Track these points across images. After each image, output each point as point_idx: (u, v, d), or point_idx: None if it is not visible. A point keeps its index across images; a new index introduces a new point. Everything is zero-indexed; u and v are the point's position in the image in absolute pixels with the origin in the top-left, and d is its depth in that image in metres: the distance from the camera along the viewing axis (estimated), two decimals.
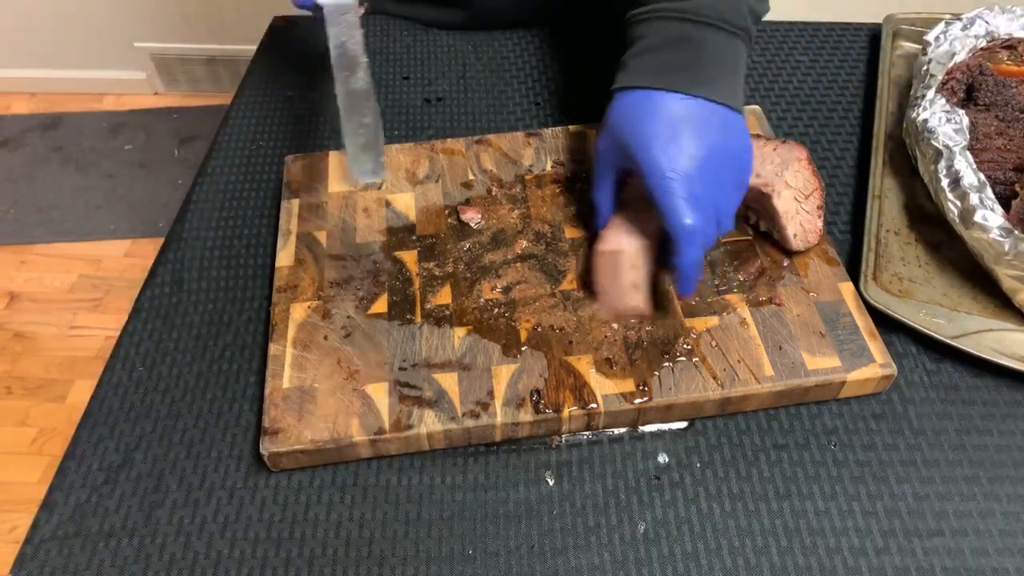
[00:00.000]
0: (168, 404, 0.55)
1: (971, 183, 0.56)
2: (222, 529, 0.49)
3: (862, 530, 0.48)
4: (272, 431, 0.50)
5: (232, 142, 0.74)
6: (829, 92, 0.77)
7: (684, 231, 0.50)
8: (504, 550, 0.48)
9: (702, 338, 0.54)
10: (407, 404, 0.51)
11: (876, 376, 0.52)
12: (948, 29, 0.70)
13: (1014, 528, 0.48)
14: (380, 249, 0.61)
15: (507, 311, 0.56)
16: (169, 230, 0.66)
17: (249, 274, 0.62)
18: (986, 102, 0.65)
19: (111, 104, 2.11)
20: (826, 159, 0.70)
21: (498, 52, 0.82)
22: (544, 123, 0.75)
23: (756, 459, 0.51)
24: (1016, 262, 0.54)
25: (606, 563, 0.47)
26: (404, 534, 0.48)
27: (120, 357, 0.57)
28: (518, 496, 0.50)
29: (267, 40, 0.86)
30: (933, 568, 0.47)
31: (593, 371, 0.53)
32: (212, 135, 0.75)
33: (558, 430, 0.52)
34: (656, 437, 0.53)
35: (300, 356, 0.54)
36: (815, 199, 0.58)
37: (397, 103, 0.77)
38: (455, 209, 0.64)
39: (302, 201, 0.65)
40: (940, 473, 0.51)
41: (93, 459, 0.52)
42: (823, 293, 0.57)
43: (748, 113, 0.70)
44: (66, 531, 0.49)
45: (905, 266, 0.60)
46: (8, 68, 2.10)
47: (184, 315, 0.60)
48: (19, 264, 1.75)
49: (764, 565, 0.47)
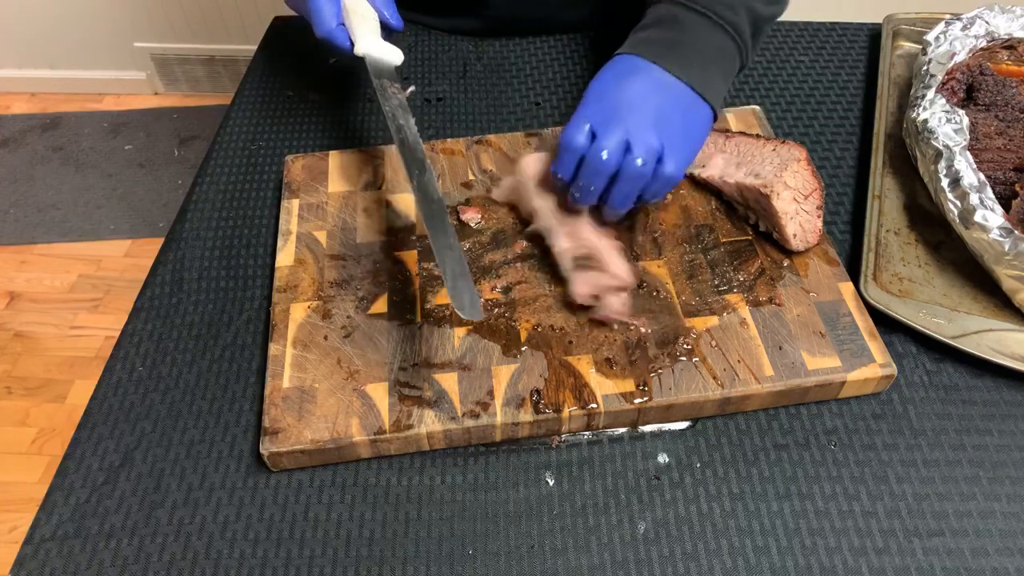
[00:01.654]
0: (168, 404, 0.55)
1: (971, 183, 0.56)
2: (222, 529, 0.49)
3: (862, 530, 0.48)
4: (272, 431, 0.50)
5: (232, 142, 0.74)
6: (829, 92, 0.77)
7: (564, 137, 0.55)
8: (504, 550, 0.48)
9: (702, 338, 0.54)
10: (407, 404, 0.51)
11: (876, 376, 0.52)
12: (948, 29, 0.70)
13: (1014, 528, 0.48)
14: (380, 249, 0.61)
15: (507, 311, 0.56)
16: (169, 230, 0.66)
17: (249, 274, 0.62)
18: (986, 102, 0.65)
19: (111, 104, 2.11)
20: (826, 159, 0.70)
21: (498, 52, 0.82)
22: (544, 123, 0.75)
23: (756, 459, 0.51)
24: (1016, 262, 0.54)
25: (606, 563, 0.47)
26: (404, 534, 0.48)
27: (120, 357, 0.57)
28: (518, 496, 0.50)
29: (267, 40, 0.86)
30: (933, 568, 0.47)
31: (593, 371, 0.53)
32: (212, 135, 0.75)
33: (558, 430, 0.52)
34: (656, 437, 0.53)
35: (300, 356, 0.54)
36: (814, 199, 0.58)
37: None
38: (455, 209, 0.64)
39: (302, 201, 0.65)
40: (940, 473, 0.51)
41: (93, 459, 0.52)
42: (823, 293, 0.57)
43: (748, 113, 0.70)
44: (66, 531, 0.49)
45: (905, 266, 0.60)
46: (8, 68, 2.10)
47: (184, 315, 0.60)
48: (19, 264, 1.75)
49: (764, 565, 0.47)
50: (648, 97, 0.56)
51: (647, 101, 0.55)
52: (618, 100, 0.55)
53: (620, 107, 0.55)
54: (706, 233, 0.61)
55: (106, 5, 1.94)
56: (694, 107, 0.57)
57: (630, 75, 0.57)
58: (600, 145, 0.54)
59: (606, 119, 0.55)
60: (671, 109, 0.56)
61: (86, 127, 2.04)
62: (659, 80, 0.57)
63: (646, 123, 0.54)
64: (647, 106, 0.55)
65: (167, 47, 2.03)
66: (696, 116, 0.58)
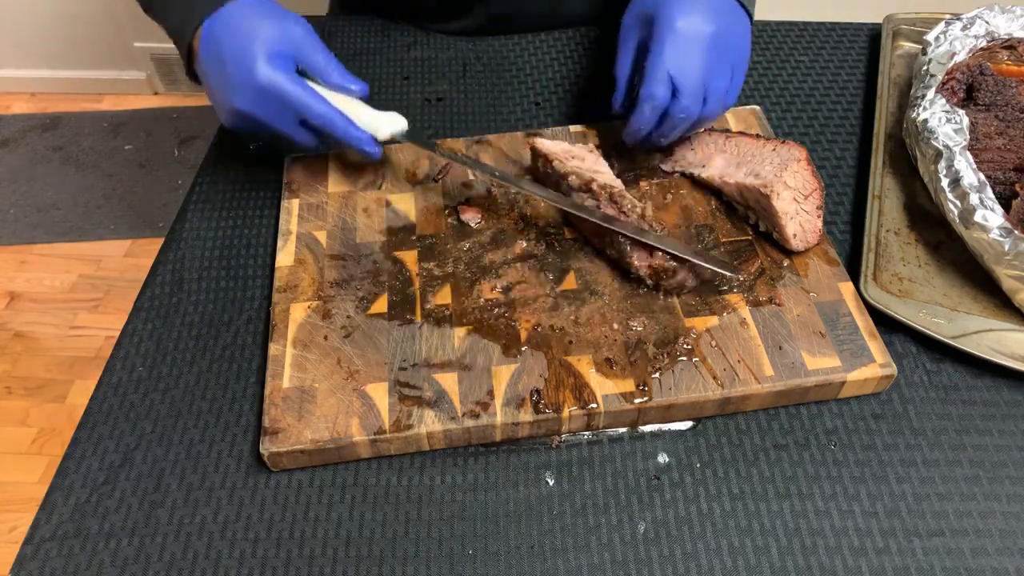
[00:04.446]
0: (168, 404, 0.55)
1: (971, 183, 0.56)
2: (222, 529, 0.49)
3: (862, 530, 0.48)
4: (272, 431, 0.50)
5: (232, 142, 0.73)
6: (829, 92, 0.77)
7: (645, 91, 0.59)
8: (504, 550, 0.48)
9: (702, 338, 0.54)
10: (407, 404, 0.51)
11: (876, 376, 0.52)
12: (948, 29, 0.70)
13: (1014, 528, 0.48)
14: (380, 249, 0.61)
15: (507, 311, 0.56)
16: (169, 230, 0.66)
17: (249, 274, 0.62)
18: (986, 102, 0.65)
19: (111, 104, 2.11)
20: (826, 159, 0.70)
21: (498, 52, 0.82)
22: (544, 123, 0.75)
23: (756, 459, 0.51)
24: (1016, 262, 0.54)
25: (606, 563, 0.47)
26: (404, 534, 0.48)
27: (120, 357, 0.57)
28: (518, 496, 0.50)
29: None
30: (933, 568, 0.47)
31: (593, 371, 0.53)
32: (212, 135, 0.75)
33: (558, 430, 0.52)
34: (656, 437, 0.53)
35: (300, 356, 0.54)
36: (814, 199, 0.58)
37: (397, 103, 0.77)
38: (455, 209, 0.64)
39: (302, 201, 0.65)
40: (940, 473, 0.51)
41: (93, 459, 0.52)
42: (823, 293, 0.57)
43: (748, 113, 0.70)
44: (66, 531, 0.49)
45: (905, 266, 0.60)
46: (8, 68, 2.10)
47: (184, 315, 0.60)
48: (19, 264, 1.75)
49: (764, 565, 0.47)
50: (716, 33, 0.59)
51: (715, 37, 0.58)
52: (689, 42, 0.58)
53: (691, 51, 0.58)
54: (706, 233, 0.61)
55: (106, 5, 1.94)
56: (743, 25, 0.62)
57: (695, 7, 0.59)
58: (682, 103, 0.58)
59: (683, 68, 0.58)
60: (732, 38, 0.60)
61: (86, 127, 2.04)
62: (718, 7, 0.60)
63: (720, 67, 0.59)
64: (715, 44, 0.58)
65: (167, 47, 2.03)
66: (746, 33, 0.62)
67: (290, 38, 0.57)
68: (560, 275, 0.59)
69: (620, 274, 0.58)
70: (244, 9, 0.57)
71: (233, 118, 0.58)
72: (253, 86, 0.55)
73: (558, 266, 0.59)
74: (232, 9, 0.57)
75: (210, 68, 0.57)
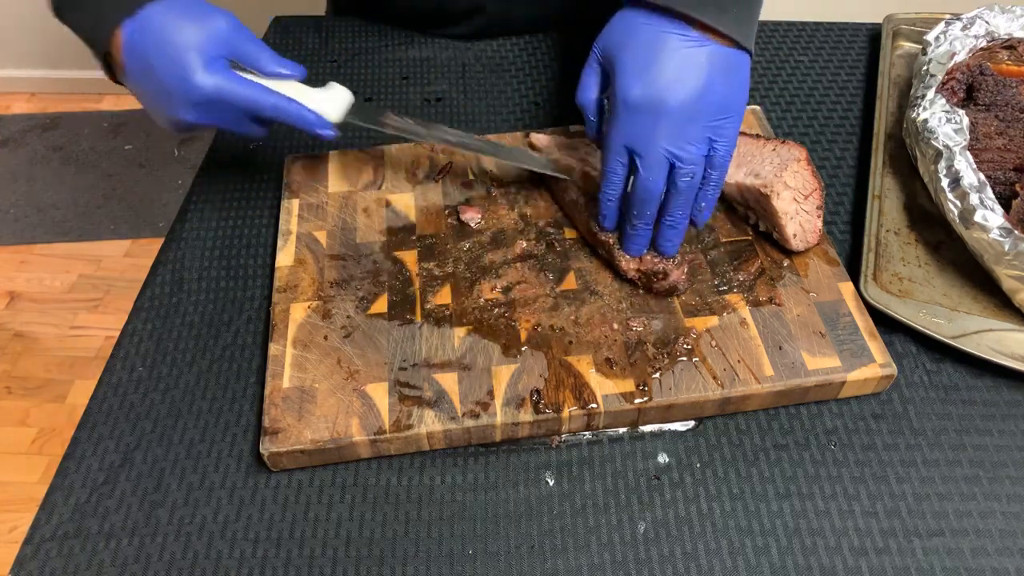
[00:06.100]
0: (168, 404, 0.55)
1: (971, 183, 0.56)
2: (222, 529, 0.49)
3: (862, 530, 0.48)
4: (272, 431, 0.50)
5: (232, 142, 0.73)
6: (829, 92, 0.77)
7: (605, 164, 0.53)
8: (504, 550, 0.48)
9: (702, 338, 0.54)
10: (407, 404, 0.51)
11: (876, 376, 0.52)
12: (948, 29, 0.70)
13: (1014, 528, 0.48)
14: (380, 249, 0.61)
15: (507, 311, 0.56)
16: (169, 230, 0.66)
17: (249, 274, 0.62)
18: (986, 102, 0.65)
19: (111, 104, 2.11)
20: (826, 159, 0.70)
21: (497, 52, 0.82)
22: (544, 123, 0.75)
23: (756, 459, 0.51)
24: (1016, 262, 0.54)
25: (606, 563, 0.47)
26: (404, 534, 0.48)
27: (120, 357, 0.57)
28: (518, 496, 0.50)
29: (266, 40, 0.86)
30: (933, 568, 0.47)
31: (593, 371, 0.53)
32: (212, 135, 0.75)
33: (558, 430, 0.52)
34: (656, 437, 0.53)
35: (300, 356, 0.54)
36: (814, 199, 0.58)
37: (397, 103, 0.77)
38: (455, 209, 0.64)
39: (302, 201, 0.65)
40: (940, 473, 0.51)
41: (93, 459, 0.52)
42: (823, 293, 0.57)
43: (748, 113, 0.70)
44: (66, 531, 0.49)
45: (905, 266, 0.60)
46: (8, 68, 2.10)
47: (184, 315, 0.60)
48: (19, 264, 1.75)
49: (764, 565, 0.47)
50: (686, 81, 0.48)
51: (686, 86, 0.48)
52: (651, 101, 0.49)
53: (656, 112, 0.49)
54: (706, 233, 0.61)
55: None
56: (735, 67, 0.50)
57: (657, 54, 0.49)
58: (644, 176, 0.50)
59: (643, 135, 0.49)
60: (713, 85, 0.49)
61: (86, 127, 2.04)
62: (689, 50, 0.49)
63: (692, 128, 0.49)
64: (688, 99, 0.48)
65: None
66: (738, 77, 0.51)
67: (220, 37, 0.54)
68: (560, 275, 0.59)
69: (620, 274, 0.58)
70: (165, 15, 0.52)
71: (177, 127, 0.56)
72: (196, 98, 0.53)
73: (558, 266, 0.59)
74: (151, 15, 0.52)
75: (143, 80, 0.54)
